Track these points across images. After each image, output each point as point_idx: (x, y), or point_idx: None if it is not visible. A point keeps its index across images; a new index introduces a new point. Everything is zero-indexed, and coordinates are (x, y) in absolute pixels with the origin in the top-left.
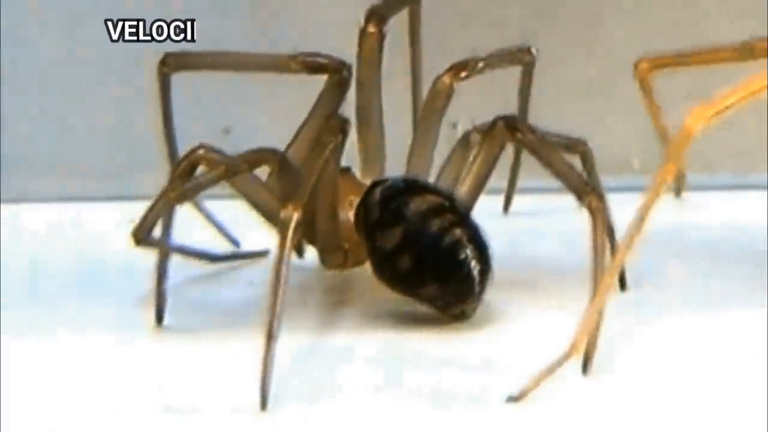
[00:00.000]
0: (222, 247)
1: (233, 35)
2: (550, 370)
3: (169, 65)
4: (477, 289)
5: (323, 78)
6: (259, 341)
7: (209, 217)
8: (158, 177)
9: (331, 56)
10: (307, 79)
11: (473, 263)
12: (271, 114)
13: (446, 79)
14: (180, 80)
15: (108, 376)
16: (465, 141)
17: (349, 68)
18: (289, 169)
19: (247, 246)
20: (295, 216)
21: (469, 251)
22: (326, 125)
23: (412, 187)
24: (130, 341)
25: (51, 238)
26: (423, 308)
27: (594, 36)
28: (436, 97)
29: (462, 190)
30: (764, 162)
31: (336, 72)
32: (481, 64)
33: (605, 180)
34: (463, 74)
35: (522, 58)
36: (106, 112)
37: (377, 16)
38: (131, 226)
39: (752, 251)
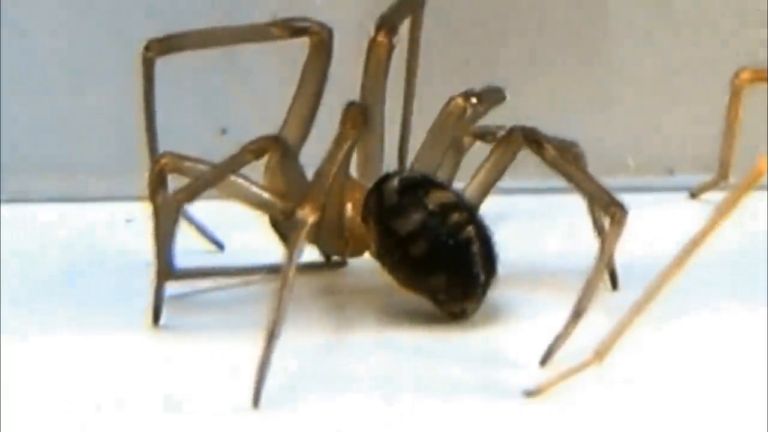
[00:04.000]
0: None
1: None
2: (570, 373)
3: (153, 50)
4: (480, 289)
5: None
6: (256, 340)
7: (191, 220)
8: None
9: (310, 18)
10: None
11: (483, 263)
12: (268, 114)
13: (460, 101)
14: (177, 80)
15: (105, 375)
16: (457, 144)
17: (330, 31)
18: (292, 157)
19: (230, 248)
20: (311, 219)
21: (480, 250)
22: (346, 116)
23: (429, 181)
24: (129, 340)
25: (49, 238)
26: (425, 307)
27: (590, 36)
28: (448, 116)
29: (467, 193)
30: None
31: (316, 34)
32: (492, 100)
33: (600, 180)
34: (474, 101)
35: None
36: (103, 111)
37: (388, 26)
38: (127, 225)
39: (752, 251)
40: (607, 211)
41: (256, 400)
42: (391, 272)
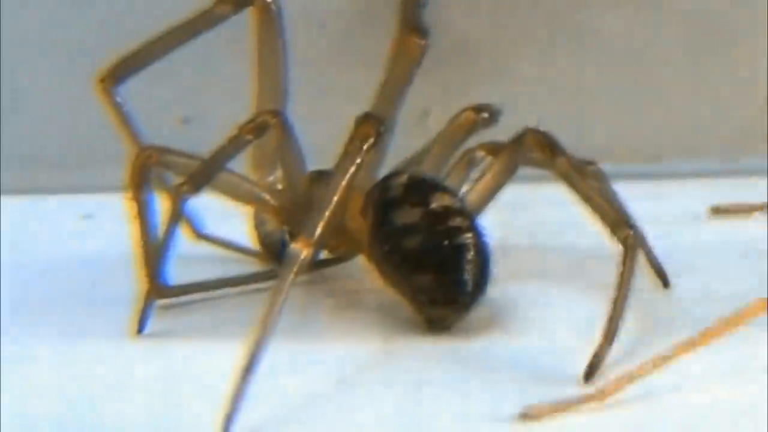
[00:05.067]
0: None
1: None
2: (569, 406)
3: (107, 81)
4: (466, 299)
5: None
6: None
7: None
8: None
9: None
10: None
11: (473, 272)
12: (233, 102)
13: (472, 114)
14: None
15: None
16: (469, 157)
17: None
18: (290, 131)
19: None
20: (304, 254)
21: (474, 259)
22: (358, 130)
23: (438, 184)
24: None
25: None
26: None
27: (576, 23)
28: (458, 128)
29: (470, 196)
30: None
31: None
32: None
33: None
34: (485, 115)
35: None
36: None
37: (418, 25)
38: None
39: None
40: (618, 232)
41: None
42: (378, 266)
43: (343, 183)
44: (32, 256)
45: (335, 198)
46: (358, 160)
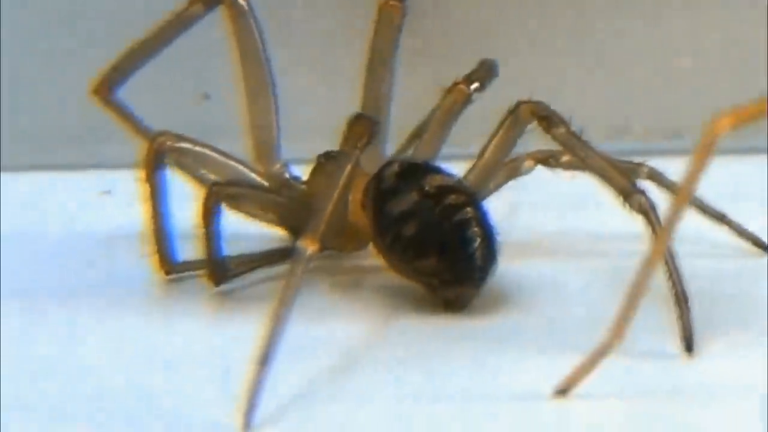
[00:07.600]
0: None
1: None
2: (593, 362)
3: (101, 92)
4: (478, 274)
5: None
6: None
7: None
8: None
9: None
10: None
11: (479, 245)
12: None
13: (464, 88)
14: None
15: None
16: (514, 165)
17: None
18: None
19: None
20: (310, 250)
21: (477, 232)
22: (351, 131)
23: (431, 166)
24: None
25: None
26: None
27: (580, 20)
28: (453, 104)
29: (470, 176)
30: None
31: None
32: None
33: (605, 145)
34: (476, 85)
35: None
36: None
37: None
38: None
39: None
40: (630, 199)
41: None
42: (385, 257)
43: (341, 182)
44: (51, 232)
45: (336, 195)
46: (353, 160)
